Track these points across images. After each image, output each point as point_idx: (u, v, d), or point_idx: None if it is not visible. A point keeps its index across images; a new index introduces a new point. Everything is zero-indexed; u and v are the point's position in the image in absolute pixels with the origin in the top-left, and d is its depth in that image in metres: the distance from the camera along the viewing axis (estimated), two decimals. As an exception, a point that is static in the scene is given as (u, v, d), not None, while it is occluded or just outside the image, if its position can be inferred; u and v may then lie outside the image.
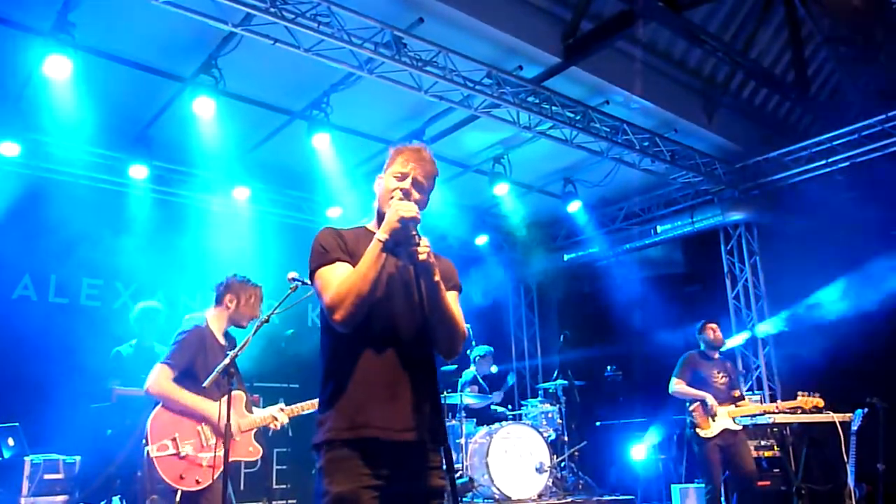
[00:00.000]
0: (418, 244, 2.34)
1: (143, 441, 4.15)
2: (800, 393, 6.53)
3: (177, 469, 4.07)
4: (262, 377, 7.94)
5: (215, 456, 4.10)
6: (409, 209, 2.35)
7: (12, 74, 7.06)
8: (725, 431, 6.45)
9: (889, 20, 7.70)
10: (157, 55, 7.01)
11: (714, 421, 6.48)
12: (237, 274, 4.59)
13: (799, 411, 6.44)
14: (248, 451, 4.34)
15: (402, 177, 2.53)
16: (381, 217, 2.50)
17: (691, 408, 6.63)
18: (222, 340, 4.41)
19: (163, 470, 4.05)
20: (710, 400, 6.51)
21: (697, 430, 6.52)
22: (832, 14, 8.23)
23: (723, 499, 6.47)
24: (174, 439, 4.12)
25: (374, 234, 2.42)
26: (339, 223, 2.95)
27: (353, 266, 2.41)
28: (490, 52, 7.11)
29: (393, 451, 2.31)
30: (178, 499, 4.18)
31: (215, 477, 4.10)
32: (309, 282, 2.52)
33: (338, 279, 2.36)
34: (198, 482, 4.07)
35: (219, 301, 4.50)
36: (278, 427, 4.50)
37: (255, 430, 4.40)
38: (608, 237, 10.85)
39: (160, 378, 4.18)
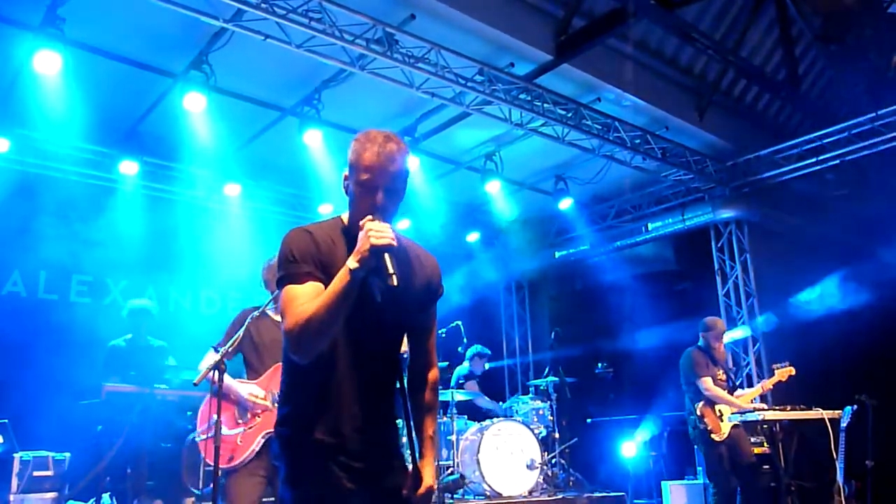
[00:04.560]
0: (391, 274, 2.11)
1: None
2: (774, 366, 6.80)
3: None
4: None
5: (246, 431, 4.14)
6: (382, 236, 2.10)
7: (1, 70, 7.01)
8: (730, 428, 6.50)
9: (879, 18, 7.73)
10: (147, 50, 6.98)
11: (723, 422, 6.50)
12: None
13: (788, 409, 6.50)
14: None
15: (371, 187, 2.23)
16: (353, 213, 2.30)
17: (701, 412, 6.56)
18: (278, 318, 4.29)
19: (205, 452, 4.16)
20: (737, 407, 6.58)
21: (712, 435, 6.45)
22: (822, 12, 8.26)
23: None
24: (211, 423, 4.14)
25: (352, 234, 2.24)
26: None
27: (324, 282, 2.20)
28: (482, 49, 7.11)
29: (358, 457, 2.27)
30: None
31: (249, 453, 4.07)
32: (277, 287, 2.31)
33: (302, 304, 2.15)
34: (231, 460, 4.05)
35: (266, 286, 4.53)
36: None
37: None
38: (599, 234, 10.86)
39: (205, 361, 4.27)
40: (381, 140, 2.23)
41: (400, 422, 2.49)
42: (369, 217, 2.17)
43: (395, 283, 2.11)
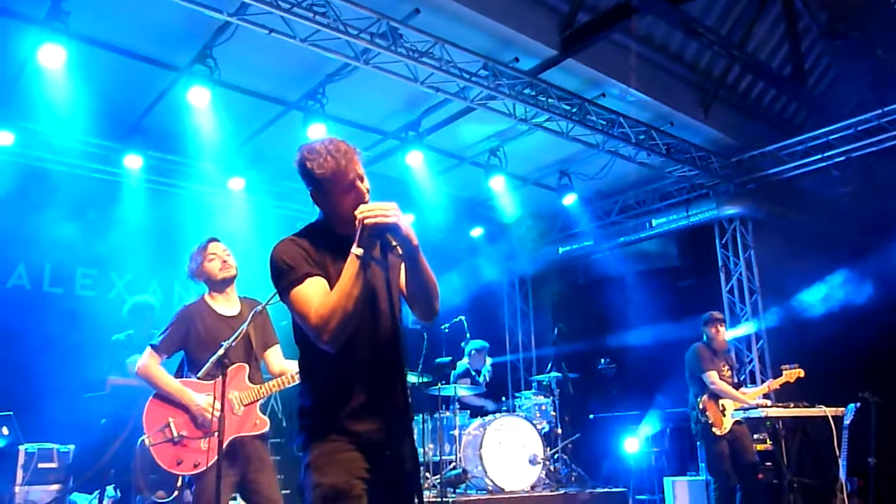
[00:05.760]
0: (395, 246, 2.29)
1: (142, 433, 4.00)
2: (783, 367, 6.83)
3: (173, 455, 3.94)
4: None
5: (212, 437, 3.87)
6: (376, 214, 2.27)
7: (6, 63, 7.02)
8: (733, 424, 6.51)
9: (886, 14, 7.70)
10: (151, 44, 6.98)
11: (725, 417, 6.52)
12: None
13: (792, 406, 6.51)
14: (254, 424, 4.07)
15: (349, 184, 2.41)
16: (337, 216, 2.45)
17: (703, 405, 6.61)
18: (225, 311, 4.26)
19: (159, 458, 3.93)
20: (741, 402, 6.58)
21: (713, 429, 6.52)
22: (829, 7, 8.22)
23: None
24: (168, 425, 4.00)
25: (336, 234, 2.43)
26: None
27: (324, 278, 2.37)
28: (486, 44, 7.09)
29: (376, 445, 2.39)
30: (178, 484, 4.12)
31: (216, 459, 3.79)
32: (280, 300, 2.44)
33: (317, 299, 2.31)
34: (196, 466, 3.91)
35: (194, 278, 4.41)
36: (295, 381, 4.06)
37: (259, 401, 4.14)
38: (603, 230, 10.85)
39: (144, 361, 4.10)
40: (328, 146, 2.41)
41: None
42: (364, 204, 2.34)
43: (401, 252, 2.30)
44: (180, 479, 4.07)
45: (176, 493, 4.16)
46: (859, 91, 9.31)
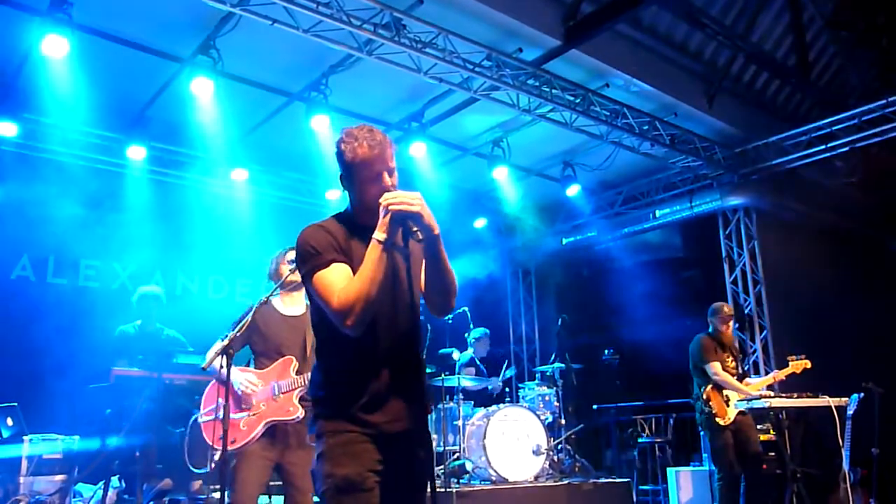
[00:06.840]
0: (416, 231, 2.34)
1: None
2: (790, 358, 6.80)
3: (216, 430, 4.21)
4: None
5: (249, 417, 4.26)
6: (400, 202, 2.32)
7: (9, 54, 7.02)
8: (737, 415, 6.53)
9: (890, 4, 7.67)
10: (155, 35, 6.96)
11: (729, 407, 6.54)
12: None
13: (795, 396, 6.51)
14: (287, 410, 4.31)
15: (376, 175, 2.44)
16: (361, 204, 2.50)
17: (707, 395, 6.62)
18: (288, 311, 4.47)
19: (206, 433, 4.33)
20: (743, 393, 6.60)
21: (717, 419, 6.53)
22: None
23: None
24: (218, 405, 4.27)
25: (358, 224, 2.47)
26: (338, 206, 2.95)
27: (349, 265, 2.41)
28: (490, 34, 7.07)
29: (390, 436, 2.41)
30: (216, 457, 4.29)
31: (251, 438, 4.17)
32: (303, 284, 2.49)
33: (340, 284, 2.35)
34: (232, 443, 4.14)
35: (271, 279, 4.62)
36: None
37: (297, 390, 4.37)
38: (607, 221, 10.85)
39: (213, 349, 4.40)
40: (366, 133, 2.43)
41: None
42: (389, 192, 2.38)
43: (421, 237, 2.36)
44: (218, 453, 4.26)
45: (212, 465, 4.40)
46: (863, 81, 9.28)
